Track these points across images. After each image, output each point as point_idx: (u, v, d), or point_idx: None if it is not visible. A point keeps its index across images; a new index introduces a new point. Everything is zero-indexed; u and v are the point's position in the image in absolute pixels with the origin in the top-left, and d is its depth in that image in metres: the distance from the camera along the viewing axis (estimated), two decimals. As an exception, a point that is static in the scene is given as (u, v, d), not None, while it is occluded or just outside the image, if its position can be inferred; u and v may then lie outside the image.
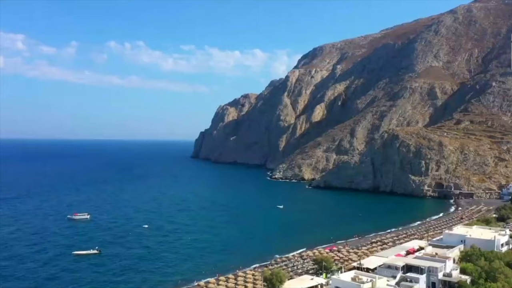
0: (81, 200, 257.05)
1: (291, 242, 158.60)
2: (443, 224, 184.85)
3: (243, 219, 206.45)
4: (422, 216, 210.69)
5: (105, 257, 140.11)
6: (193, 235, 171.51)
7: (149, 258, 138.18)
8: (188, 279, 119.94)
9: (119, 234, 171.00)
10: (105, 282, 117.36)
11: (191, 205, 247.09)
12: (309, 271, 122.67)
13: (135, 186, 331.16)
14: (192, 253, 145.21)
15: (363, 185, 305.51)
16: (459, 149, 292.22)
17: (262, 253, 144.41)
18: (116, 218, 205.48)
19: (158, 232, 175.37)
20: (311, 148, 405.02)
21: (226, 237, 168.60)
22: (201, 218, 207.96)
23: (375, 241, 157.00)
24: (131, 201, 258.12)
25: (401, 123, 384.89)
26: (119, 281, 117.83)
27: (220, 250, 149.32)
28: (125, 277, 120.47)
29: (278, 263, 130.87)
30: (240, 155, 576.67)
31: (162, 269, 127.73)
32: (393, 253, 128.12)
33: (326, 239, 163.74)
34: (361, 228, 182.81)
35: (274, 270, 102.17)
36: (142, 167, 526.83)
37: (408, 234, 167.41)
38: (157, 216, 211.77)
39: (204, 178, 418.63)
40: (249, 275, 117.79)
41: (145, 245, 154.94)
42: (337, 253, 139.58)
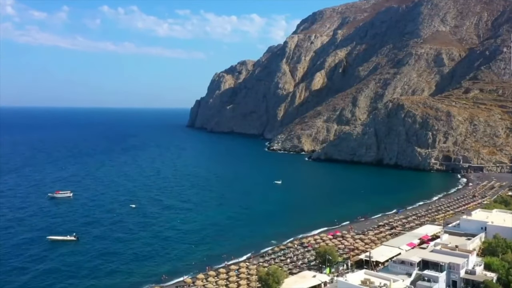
0: (67, 175, 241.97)
1: (290, 225, 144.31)
2: (454, 203, 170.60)
3: (239, 197, 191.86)
4: (430, 193, 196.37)
5: (83, 244, 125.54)
6: (183, 216, 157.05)
7: (132, 246, 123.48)
8: (175, 272, 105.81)
9: (102, 216, 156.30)
10: (76, 275, 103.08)
11: (183, 181, 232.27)
12: (310, 262, 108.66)
13: (126, 159, 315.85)
14: (181, 239, 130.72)
15: (365, 158, 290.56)
16: (468, 119, 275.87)
17: (258, 239, 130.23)
18: (102, 196, 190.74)
19: (145, 214, 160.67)
20: (311, 118, 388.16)
21: (219, 219, 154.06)
22: (193, 196, 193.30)
23: (382, 224, 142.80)
24: (120, 176, 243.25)
25: (406, 92, 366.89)
26: (92, 276, 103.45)
27: (212, 235, 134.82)
28: (100, 272, 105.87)
29: (275, 253, 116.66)
30: (237, 124, 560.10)
31: (146, 261, 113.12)
32: (405, 241, 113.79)
33: (328, 221, 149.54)
34: (365, 207, 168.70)
35: (270, 268, 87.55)
36: (135, 138, 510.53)
37: (418, 215, 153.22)
38: (146, 193, 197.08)
39: (199, 149, 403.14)
40: (242, 269, 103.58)
41: (129, 229, 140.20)
42: (341, 239, 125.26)
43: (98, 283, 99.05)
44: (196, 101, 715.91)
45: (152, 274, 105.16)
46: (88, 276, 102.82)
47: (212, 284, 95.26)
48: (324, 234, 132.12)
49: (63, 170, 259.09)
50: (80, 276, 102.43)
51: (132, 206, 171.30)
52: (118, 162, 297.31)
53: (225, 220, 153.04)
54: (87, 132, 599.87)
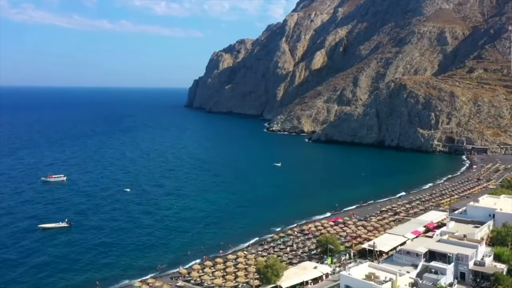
0: (61, 158, 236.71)
1: (290, 210, 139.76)
2: (459, 187, 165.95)
3: (237, 180, 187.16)
4: (433, 176, 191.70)
5: (75, 231, 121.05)
6: (180, 201, 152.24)
7: (126, 234, 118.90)
8: (170, 261, 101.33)
9: (95, 201, 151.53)
10: (69, 268, 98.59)
11: (181, 163, 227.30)
12: (311, 251, 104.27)
13: (123, 141, 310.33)
14: (177, 226, 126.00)
15: (367, 139, 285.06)
16: (472, 100, 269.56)
17: (257, 226, 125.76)
18: (96, 179, 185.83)
19: (140, 199, 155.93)
20: (311, 98, 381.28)
21: (217, 204, 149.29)
22: (191, 179, 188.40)
23: (385, 209, 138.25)
24: (116, 158, 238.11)
25: (408, 71, 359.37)
26: (84, 266, 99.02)
27: (209, 222, 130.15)
28: (92, 260, 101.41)
29: (275, 241, 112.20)
30: (236, 104, 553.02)
31: (139, 249, 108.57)
32: (409, 229, 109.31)
33: (329, 206, 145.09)
34: (366, 191, 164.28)
35: (269, 260, 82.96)
36: (132, 118, 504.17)
37: (422, 200, 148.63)
38: (142, 177, 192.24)
39: (197, 130, 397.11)
40: (240, 258, 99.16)
41: (124, 216, 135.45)
42: (343, 226, 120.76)
43: (91, 274, 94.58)
44: (194, 80, 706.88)
45: (146, 263, 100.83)
46: (80, 267, 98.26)
47: (208, 275, 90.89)
48: (325, 220, 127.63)
49: (58, 153, 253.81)
50: (72, 269, 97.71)
51: (127, 190, 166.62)
52: (115, 144, 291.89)
53: (223, 205, 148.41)
54: (85, 112, 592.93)
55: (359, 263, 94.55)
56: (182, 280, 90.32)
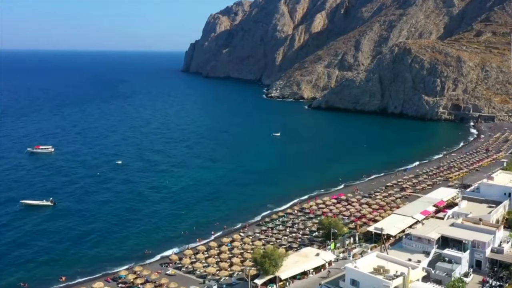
0: (52, 127, 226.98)
1: (289, 186, 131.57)
2: (467, 159, 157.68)
3: (234, 152, 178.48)
4: (440, 146, 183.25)
5: (60, 211, 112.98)
6: (173, 176, 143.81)
7: (113, 214, 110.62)
8: (160, 245, 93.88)
9: (83, 176, 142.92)
10: (47, 247, 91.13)
11: (177, 133, 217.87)
12: (312, 233, 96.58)
13: (116, 108, 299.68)
14: (169, 204, 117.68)
15: (369, 106, 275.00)
16: (479, 65, 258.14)
17: (254, 203, 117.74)
18: (86, 150, 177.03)
19: (132, 172, 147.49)
20: (311, 63, 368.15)
21: (212, 179, 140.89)
22: (186, 151, 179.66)
23: (390, 184, 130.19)
24: (108, 127, 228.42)
25: (412, 35, 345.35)
26: (63, 248, 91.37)
27: (203, 199, 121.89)
28: (73, 244, 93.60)
29: (273, 221, 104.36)
30: (233, 69, 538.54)
31: (128, 231, 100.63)
32: (418, 209, 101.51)
33: (331, 180, 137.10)
34: (370, 163, 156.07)
35: (267, 249, 75.01)
36: (128, 83, 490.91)
37: (429, 174, 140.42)
38: (135, 148, 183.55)
39: (193, 97, 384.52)
40: (236, 242, 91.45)
41: (112, 191, 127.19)
42: (346, 205, 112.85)
43: (70, 261, 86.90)
44: (191, 44, 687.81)
45: (134, 247, 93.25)
46: (59, 252, 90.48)
47: (201, 262, 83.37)
48: (327, 197, 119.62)
49: (49, 121, 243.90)
50: (50, 253, 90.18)
51: (118, 162, 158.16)
52: (108, 112, 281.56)
53: (218, 180, 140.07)
54: (82, 77, 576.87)
55: (364, 248, 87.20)
56: (172, 268, 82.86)
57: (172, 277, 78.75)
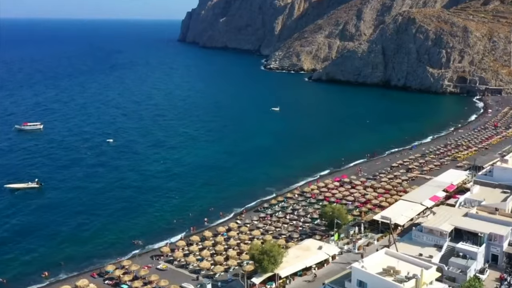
0: (44, 101, 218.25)
1: (289, 166, 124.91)
2: (475, 136, 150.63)
3: (231, 129, 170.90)
4: (446, 122, 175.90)
5: (45, 194, 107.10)
6: (167, 156, 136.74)
7: (102, 198, 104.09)
8: (151, 234, 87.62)
9: (73, 155, 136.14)
10: (34, 241, 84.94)
11: (172, 108, 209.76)
12: (314, 220, 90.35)
13: (110, 81, 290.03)
14: (161, 188, 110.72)
15: (371, 79, 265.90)
16: (486, 35, 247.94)
17: (252, 186, 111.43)
18: (76, 128, 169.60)
19: (124, 152, 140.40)
20: (311, 33, 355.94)
21: (208, 159, 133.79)
22: (181, 128, 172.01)
23: (396, 165, 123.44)
24: (101, 101, 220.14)
25: (416, 3, 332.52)
26: (45, 239, 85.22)
27: (198, 182, 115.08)
28: (57, 234, 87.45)
29: (272, 206, 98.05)
30: (231, 39, 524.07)
31: (116, 218, 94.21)
32: (427, 194, 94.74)
33: (333, 159, 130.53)
34: (373, 141, 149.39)
35: (265, 244, 68.64)
36: (122, 54, 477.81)
37: (436, 153, 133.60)
38: (128, 124, 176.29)
39: (190, 69, 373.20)
40: (232, 232, 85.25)
41: (102, 174, 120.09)
42: (349, 188, 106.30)
43: (53, 254, 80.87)
44: (187, 13, 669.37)
45: (124, 235, 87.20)
46: (45, 242, 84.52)
47: (194, 255, 77.37)
48: (329, 179, 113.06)
49: (40, 95, 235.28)
50: (36, 243, 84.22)
51: (109, 141, 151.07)
52: (101, 85, 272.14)
53: (214, 160, 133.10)
54: (74, 48, 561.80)
55: (370, 238, 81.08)
56: (164, 261, 76.86)
57: (163, 272, 72.88)
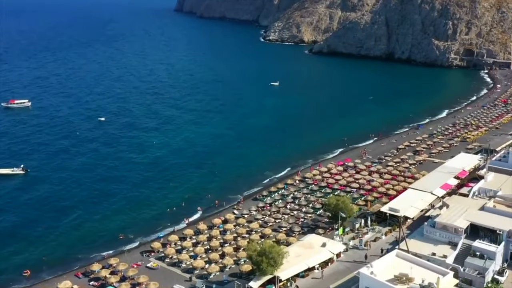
0: (31, 76, 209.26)
1: (289, 148, 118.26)
2: (484, 115, 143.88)
3: (229, 106, 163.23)
4: (453, 98, 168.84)
5: (31, 181, 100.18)
6: (162, 136, 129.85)
7: (90, 186, 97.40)
8: (140, 226, 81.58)
9: (61, 134, 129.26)
10: (12, 233, 79.05)
11: (167, 83, 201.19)
12: (316, 210, 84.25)
13: (103, 53, 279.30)
14: (153, 172, 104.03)
15: (374, 51, 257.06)
16: (495, 6, 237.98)
17: (249, 170, 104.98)
18: (67, 104, 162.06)
19: (115, 131, 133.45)
20: (312, 3, 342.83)
21: (203, 139, 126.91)
22: (176, 105, 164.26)
23: (402, 147, 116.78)
24: (94, 76, 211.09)
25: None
26: (29, 233, 79.16)
27: (192, 165, 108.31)
28: (43, 226, 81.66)
29: (271, 194, 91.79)
30: (229, 8, 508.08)
31: (105, 208, 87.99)
32: (437, 182, 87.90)
33: (336, 141, 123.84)
34: (378, 119, 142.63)
35: (264, 244, 62.46)
36: (116, 24, 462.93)
37: (444, 133, 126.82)
38: (121, 100, 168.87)
39: (187, 40, 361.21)
40: (229, 224, 79.25)
41: (91, 157, 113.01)
42: (353, 173, 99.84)
43: (39, 246, 75.16)
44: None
45: (112, 228, 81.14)
46: (26, 236, 78.51)
47: (187, 251, 71.64)
48: (332, 163, 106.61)
49: (28, 70, 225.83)
50: (18, 237, 78.34)
51: (101, 119, 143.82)
52: (94, 58, 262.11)
53: (210, 140, 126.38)
54: (62, 18, 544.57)
55: (377, 232, 75.11)
56: (154, 258, 71.06)
57: (153, 272, 67.25)
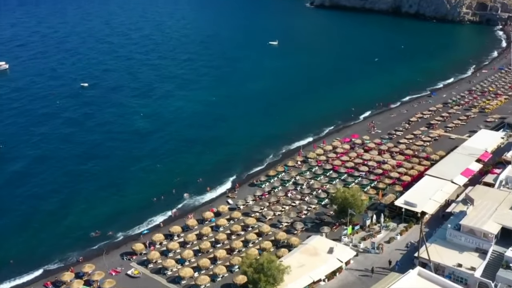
0: (12, 33, 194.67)
1: (289, 120, 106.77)
2: (502, 80, 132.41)
3: (223, 69, 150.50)
4: (466, 59, 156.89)
5: (3, 160, 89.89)
6: (149, 104, 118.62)
7: (66, 169, 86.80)
8: (125, 221, 71.30)
9: (39, 104, 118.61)
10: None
11: (157, 41, 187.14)
12: (321, 200, 74.30)
13: (91, 7, 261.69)
14: (140, 152, 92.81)
15: (380, 5, 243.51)
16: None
17: (246, 147, 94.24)
18: (46, 67, 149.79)
19: (98, 100, 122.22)
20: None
21: (194, 109, 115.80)
22: (165, 69, 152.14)
23: (415, 119, 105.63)
24: (80, 34, 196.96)
25: None
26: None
27: (184, 143, 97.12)
28: (11, 216, 72.14)
29: (269, 179, 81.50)
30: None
31: (82, 198, 77.99)
32: (457, 167, 76.93)
33: (340, 110, 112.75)
34: (385, 85, 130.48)
35: (261, 259, 52.70)
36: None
37: (460, 102, 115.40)
38: (107, 60, 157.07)
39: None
40: (222, 220, 69.44)
41: (68, 132, 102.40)
42: (361, 153, 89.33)
43: (4, 246, 65.90)
44: None
45: (90, 222, 71.07)
46: None
47: (174, 254, 62.51)
48: (337, 140, 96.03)
49: (9, 25, 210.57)
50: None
51: (84, 85, 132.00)
52: (81, 12, 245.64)
53: (202, 111, 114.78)
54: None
55: (391, 230, 65.45)
56: (136, 263, 61.85)
57: (134, 281, 58.32)
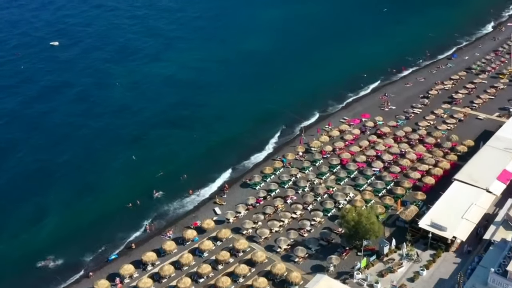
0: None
1: (287, 93, 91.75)
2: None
3: (213, 24, 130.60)
4: (485, 10, 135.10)
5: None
6: (127, 72, 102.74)
7: (33, 158, 74.10)
8: (79, 240, 58.51)
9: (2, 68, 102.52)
10: None
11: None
12: (328, 211, 61.50)
13: None
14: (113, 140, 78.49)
15: None
16: None
17: (238, 131, 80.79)
18: (11, 20, 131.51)
19: (69, 64, 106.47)
20: None
21: (179, 82, 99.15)
22: (149, 21, 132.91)
23: (435, 92, 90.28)
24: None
25: None
26: None
27: (165, 127, 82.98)
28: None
29: (265, 178, 68.34)
30: None
31: (29, 204, 65.12)
32: (492, 169, 63.51)
33: (347, 78, 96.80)
34: (396, 44, 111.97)
35: None
36: None
37: (485, 69, 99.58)
38: (82, 12, 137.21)
39: None
40: (207, 243, 57.22)
41: (37, 106, 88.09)
42: (374, 140, 75.62)
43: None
44: None
45: (35, 241, 58.55)
46: None
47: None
48: (345, 120, 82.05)
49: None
50: None
51: (54, 44, 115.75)
52: None
53: (187, 81, 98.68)
54: None
55: (416, 261, 52.40)
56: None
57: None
